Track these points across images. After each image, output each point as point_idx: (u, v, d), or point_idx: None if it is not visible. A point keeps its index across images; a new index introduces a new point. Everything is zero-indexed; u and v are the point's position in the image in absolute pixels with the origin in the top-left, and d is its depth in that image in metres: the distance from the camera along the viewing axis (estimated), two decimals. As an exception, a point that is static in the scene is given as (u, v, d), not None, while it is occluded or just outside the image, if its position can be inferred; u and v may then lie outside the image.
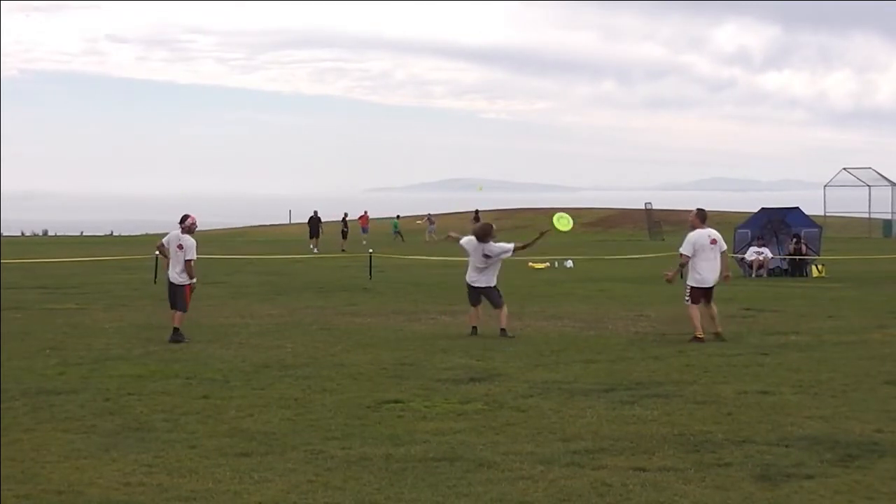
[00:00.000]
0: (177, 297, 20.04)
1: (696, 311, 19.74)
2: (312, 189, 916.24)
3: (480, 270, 20.50)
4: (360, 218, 73.96)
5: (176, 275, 20.11)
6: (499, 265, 20.68)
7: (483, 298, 20.63)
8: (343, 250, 56.50)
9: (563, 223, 22.48)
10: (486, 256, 20.33)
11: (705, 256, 19.85)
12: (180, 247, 20.03)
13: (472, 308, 20.68)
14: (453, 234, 22.93)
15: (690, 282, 19.99)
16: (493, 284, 20.56)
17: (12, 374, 15.81)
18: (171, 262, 20.21)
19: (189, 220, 20.29)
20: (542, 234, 21.41)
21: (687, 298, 19.95)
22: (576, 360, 17.28)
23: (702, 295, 19.91)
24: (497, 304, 20.53)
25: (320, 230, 63.66)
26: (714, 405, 13.33)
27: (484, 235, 20.49)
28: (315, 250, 58.24)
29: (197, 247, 20.28)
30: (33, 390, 14.43)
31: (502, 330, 20.24)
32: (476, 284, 20.55)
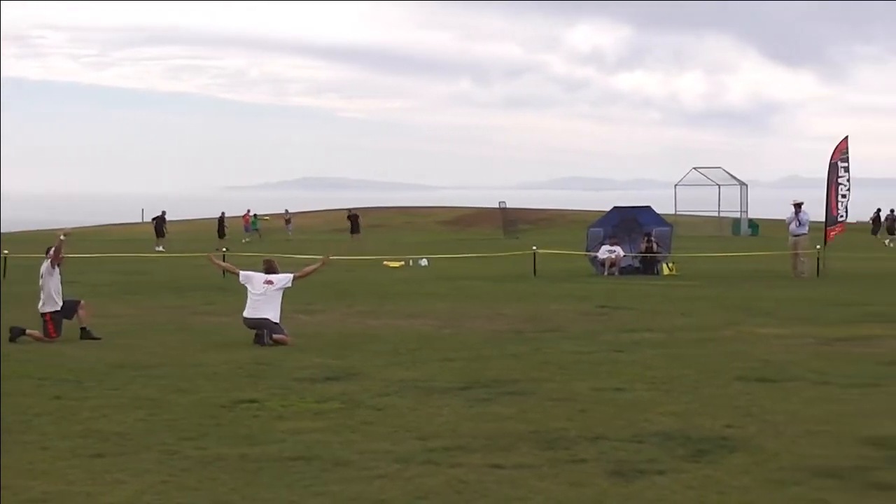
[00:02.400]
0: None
1: None
2: (167, 187, 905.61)
3: (264, 300, 19.37)
4: (244, 216, 75.36)
5: (40, 305, 19.89)
6: (281, 296, 19.60)
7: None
8: (218, 249, 55.88)
9: None
10: (269, 283, 19.46)
11: None
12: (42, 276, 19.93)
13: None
14: (230, 267, 22.85)
15: None
16: (277, 320, 19.27)
17: None
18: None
19: (52, 252, 20.06)
20: (322, 263, 21.81)
21: None
22: (433, 358, 17.34)
23: None
24: (279, 333, 19.15)
25: (165, 230, 63.28)
26: (569, 402, 13.48)
27: (271, 269, 19.89)
28: (159, 249, 57.53)
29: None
30: None
31: (274, 340, 19.03)
32: (257, 316, 19.29)
